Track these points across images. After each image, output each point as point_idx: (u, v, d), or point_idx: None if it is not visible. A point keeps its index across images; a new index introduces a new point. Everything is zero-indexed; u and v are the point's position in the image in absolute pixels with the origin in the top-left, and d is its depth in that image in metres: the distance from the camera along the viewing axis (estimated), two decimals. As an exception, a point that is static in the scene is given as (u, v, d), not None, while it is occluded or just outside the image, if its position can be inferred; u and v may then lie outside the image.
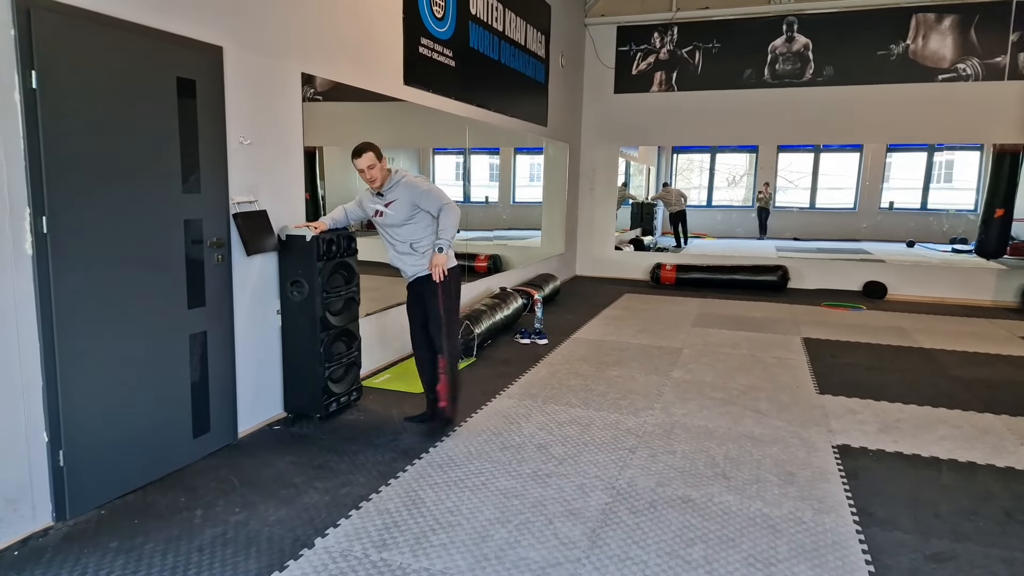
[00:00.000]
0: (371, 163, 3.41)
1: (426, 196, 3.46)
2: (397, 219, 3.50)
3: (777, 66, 8.88)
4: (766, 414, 4.07)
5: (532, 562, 2.44)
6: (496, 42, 6.60)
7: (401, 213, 3.48)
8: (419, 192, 3.46)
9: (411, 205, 3.47)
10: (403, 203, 3.47)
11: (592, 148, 9.85)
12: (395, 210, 3.49)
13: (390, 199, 3.50)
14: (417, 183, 3.49)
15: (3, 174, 2.35)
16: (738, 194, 15.34)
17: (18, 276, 2.43)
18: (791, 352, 5.60)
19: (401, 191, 3.47)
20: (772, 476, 3.20)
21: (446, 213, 3.44)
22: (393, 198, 3.49)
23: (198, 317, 3.20)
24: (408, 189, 3.46)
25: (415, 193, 3.46)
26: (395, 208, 3.49)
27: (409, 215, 3.48)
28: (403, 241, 3.54)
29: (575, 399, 4.28)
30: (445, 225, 3.43)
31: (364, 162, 3.40)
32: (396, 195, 3.48)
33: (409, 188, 3.46)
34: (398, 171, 3.53)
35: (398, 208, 3.48)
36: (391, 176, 3.50)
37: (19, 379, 2.46)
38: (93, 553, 2.45)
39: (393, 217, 3.50)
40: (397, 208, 3.48)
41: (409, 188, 3.46)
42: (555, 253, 9.07)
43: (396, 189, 3.48)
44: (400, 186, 3.48)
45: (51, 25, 2.44)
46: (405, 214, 3.48)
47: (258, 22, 3.49)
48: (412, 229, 3.52)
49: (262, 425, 3.71)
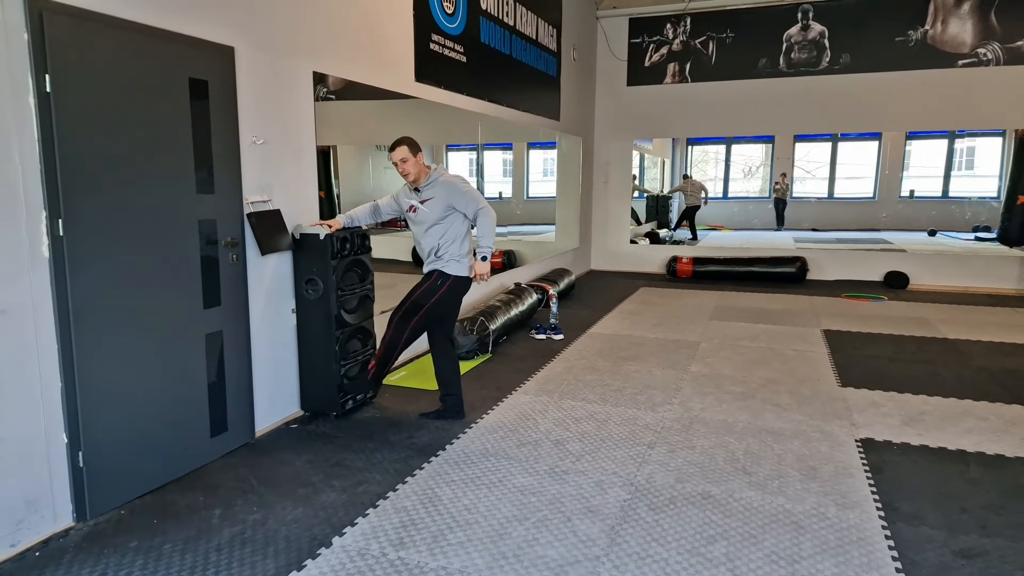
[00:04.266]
0: (404, 157, 3.41)
1: (464, 197, 3.43)
2: (430, 217, 3.47)
3: (793, 55, 8.75)
4: (786, 408, 4.01)
5: (550, 560, 2.42)
6: (507, 36, 6.56)
7: (435, 212, 3.46)
8: (457, 193, 3.44)
9: (446, 205, 3.45)
10: (439, 202, 3.45)
11: (606, 141, 9.78)
12: (430, 208, 3.46)
13: (427, 196, 3.47)
14: (456, 183, 3.46)
15: (19, 177, 2.36)
16: (754, 185, 15.18)
17: (35, 278, 2.44)
18: (811, 344, 5.52)
19: (439, 190, 3.45)
20: (794, 471, 3.15)
21: (483, 218, 3.41)
22: (430, 196, 3.47)
23: (214, 317, 3.21)
24: (446, 188, 3.44)
25: (453, 194, 3.44)
26: (430, 206, 3.46)
27: (443, 214, 3.46)
28: (430, 247, 3.52)
29: (592, 395, 4.24)
30: (484, 232, 3.41)
31: (398, 155, 3.41)
32: (433, 193, 3.46)
33: (447, 188, 3.44)
34: (437, 168, 3.50)
35: (433, 206, 3.46)
36: (430, 173, 3.48)
37: (38, 381, 2.48)
38: (113, 553, 2.46)
39: (427, 215, 3.47)
40: (432, 206, 3.46)
41: (447, 188, 3.44)
42: (570, 247, 9.02)
43: (434, 187, 3.46)
44: (438, 185, 3.46)
45: (63, 28, 2.45)
46: (439, 213, 3.46)
47: (269, 21, 3.48)
48: (442, 228, 3.48)
49: (279, 424, 3.72)
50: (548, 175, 8.92)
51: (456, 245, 3.51)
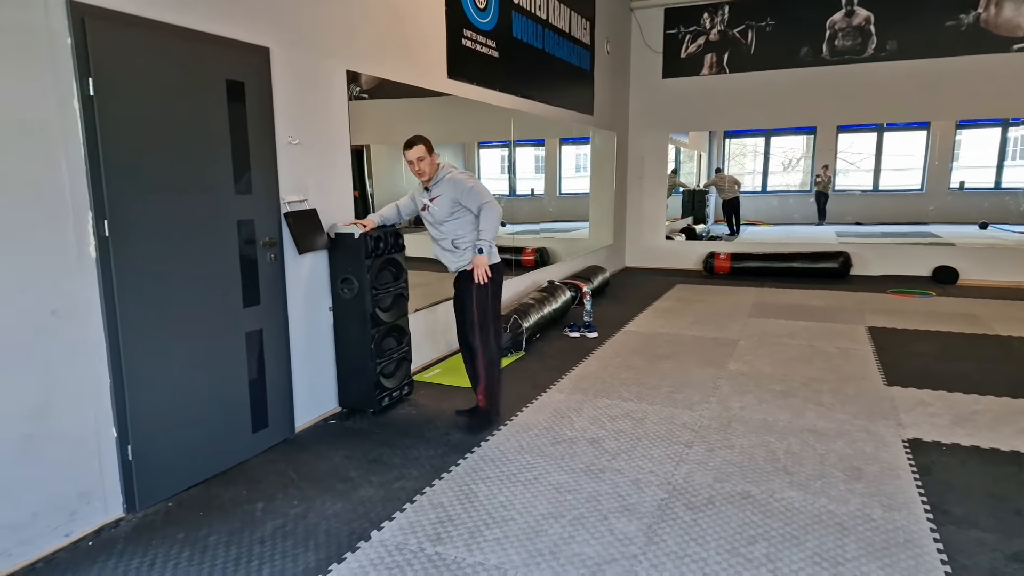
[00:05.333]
0: (420, 155, 3.43)
1: (468, 193, 3.45)
2: (440, 215, 3.51)
3: (836, 42, 8.50)
4: (829, 407, 3.90)
5: (587, 558, 2.40)
6: (540, 31, 6.52)
7: (444, 209, 3.49)
8: (462, 189, 3.45)
9: (453, 202, 3.47)
10: (446, 199, 3.48)
11: (640, 135, 9.66)
12: (439, 205, 3.50)
13: (435, 194, 3.51)
14: (461, 180, 3.48)
15: (65, 180, 2.44)
16: (795, 178, 14.82)
17: (83, 278, 2.52)
18: (855, 342, 5.36)
19: (445, 187, 3.48)
20: (837, 471, 3.07)
21: (486, 212, 3.41)
22: (438, 193, 3.50)
23: (253, 315, 3.27)
24: (451, 186, 3.46)
25: (458, 190, 3.45)
26: (439, 204, 3.50)
27: (451, 211, 3.49)
28: (446, 237, 3.55)
29: (627, 393, 4.20)
30: (485, 226, 3.41)
31: (414, 154, 3.42)
32: (440, 191, 3.49)
33: (452, 185, 3.46)
34: (444, 166, 3.53)
35: (441, 204, 3.49)
36: (439, 171, 3.51)
37: (88, 377, 2.56)
38: (161, 544, 2.53)
39: (437, 212, 3.52)
40: (440, 204, 3.49)
41: (452, 185, 3.46)
42: (603, 244, 8.95)
43: (441, 185, 3.49)
44: (444, 182, 3.48)
45: (105, 33, 2.52)
46: (447, 210, 3.49)
47: (303, 22, 3.52)
48: (454, 226, 3.52)
49: (317, 420, 3.78)
50: (581, 171, 8.85)
51: (474, 235, 3.51)
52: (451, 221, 3.51)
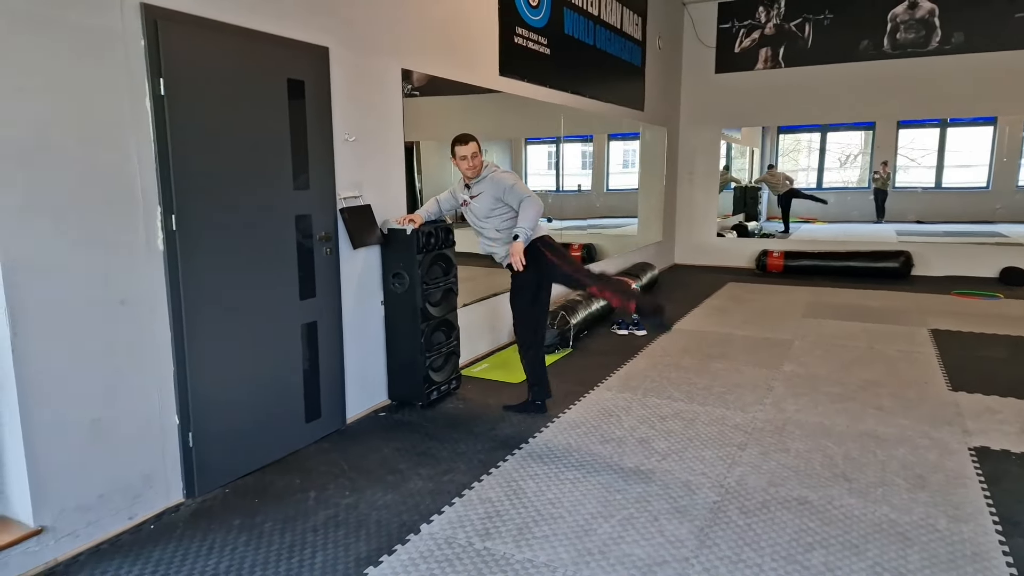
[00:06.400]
0: (475, 151, 3.53)
1: (509, 191, 3.53)
2: (481, 211, 3.62)
3: (898, 35, 8.17)
4: (890, 412, 3.77)
5: (637, 559, 2.38)
6: (591, 27, 6.47)
7: (485, 206, 3.60)
8: (503, 187, 3.54)
9: (494, 199, 3.57)
10: (487, 196, 3.58)
11: (691, 131, 9.49)
12: (480, 203, 3.61)
13: (476, 192, 3.61)
14: (503, 179, 3.56)
15: (137, 176, 2.53)
16: (852, 175, 14.32)
17: (151, 270, 2.62)
18: (917, 345, 5.16)
19: (487, 185, 3.57)
20: (899, 479, 2.96)
21: (527, 205, 3.46)
22: (479, 191, 3.60)
23: (309, 308, 3.34)
24: (493, 184, 3.56)
25: (499, 188, 3.54)
26: (480, 201, 3.61)
27: (492, 208, 3.59)
28: (489, 228, 3.64)
29: (677, 392, 4.14)
30: (524, 216, 3.44)
31: (469, 150, 3.50)
32: (482, 188, 3.59)
33: (494, 183, 3.56)
34: (488, 165, 3.62)
35: (482, 201, 3.60)
36: (483, 169, 3.60)
37: (153, 366, 2.66)
38: (219, 529, 2.61)
39: (478, 209, 3.63)
40: (482, 201, 3.60)
41: (494, 183, 3.56)
42: (652, 241, 8.84)
43: (483, 183, 3.59)
44: (486, 181, 3.58)
45: (176, 34, 2.60)
46: (488, 207, 3.59)
47: (361, 21, 3.58)
48: (496, 221, 3.62)
49: (368, 412, 3.84)
50: (629, 167, 8.74)
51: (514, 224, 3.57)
52: (493, 217, 3.61)
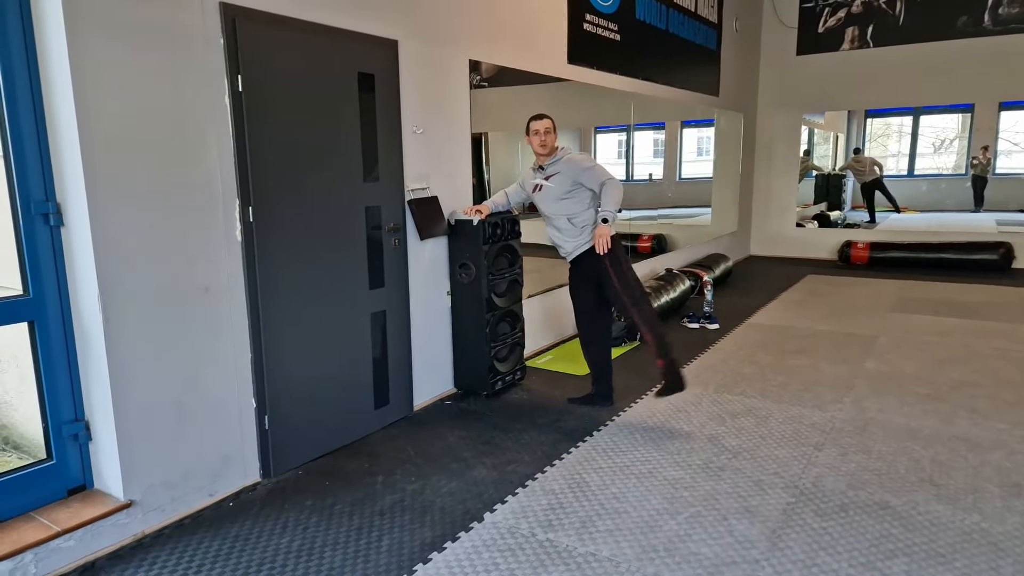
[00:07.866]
0: (548, 128, 3.50)
1: (588, 172, 3.46)
2: (556, 193, 3.52)
3: (1000, 10, 7.55)
4: (985, 415, 3.51)
5: (704, 558, 2.31)
6: (663, 11, 6.29)
7: (561, 187, 3.51)
8: (581, 169, 3.47)
9: (571, 181, 3.49)
10: (564, 177, 3.50)
11: (770, 117, 9.10)
12: (555, 183, 3.52)
13: (551, 172, 3.54)
14: (580, 160, 3.51)
15: (217, 170, 2.65)
16: (947, 161, 13.40)
17: (230, 260, 2.74)
18: (1017, 342, 4.78)
19: (563, 166, 3.51)
20: (993, 486, 2.75)
21: (609, 188, 3.40)
22: (554, 171, 3.53)
23: (378, 297, 3.42)
24: (570, 165, 3.50)
25: (577, 170, 3.47)
26: (555, 181, 3.52)
27: (568, 190, 3.50)
28: (561, 215, 3.54)
29: (750, 389, 3.99)
30: (608, 199, 3.39)
31: (543, 125, 3.50)
32: (558, 169, 3.52)
33: (571, 164, 3.50)
34: (563, 148, 3.56)
35: (558, 181, 3.51)
36: (556, 151, 3.54)
37: (233, 351, 2.79)
38: (292, 509, 2.72)
39: (552, 191, 3.53)
40: (557, 181, 3.51)
41: (571, 164, 3.50)
42: (726, 231, 8.56)
43: (559, 164, 3.53)
44: (563, 162, 3.52)
45: (252, 31, 2.70)
46: (564, 189, 3.50)
47: (428, 13, 3.61)
48: (569, 204, 3.52)
49: (434, 400, 3.90)
50: (703, 155, 8.48)
51: (591, 212, 3.51)
52: (566, 200, 3.52)
